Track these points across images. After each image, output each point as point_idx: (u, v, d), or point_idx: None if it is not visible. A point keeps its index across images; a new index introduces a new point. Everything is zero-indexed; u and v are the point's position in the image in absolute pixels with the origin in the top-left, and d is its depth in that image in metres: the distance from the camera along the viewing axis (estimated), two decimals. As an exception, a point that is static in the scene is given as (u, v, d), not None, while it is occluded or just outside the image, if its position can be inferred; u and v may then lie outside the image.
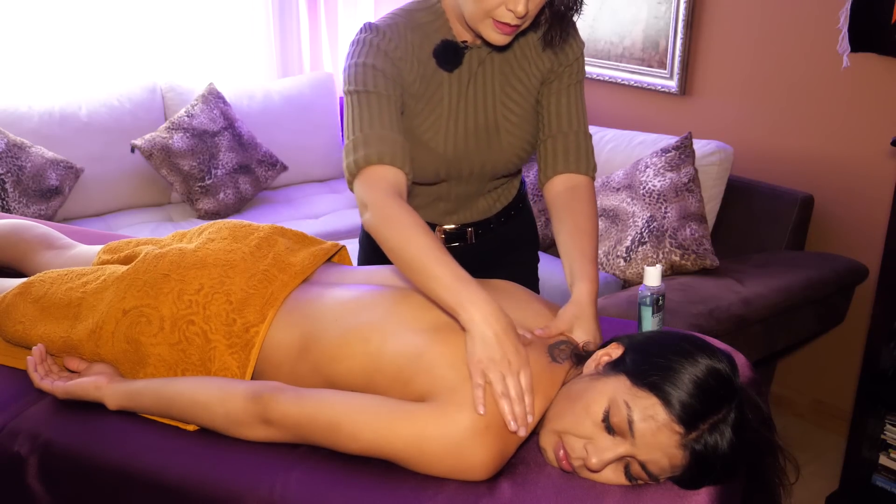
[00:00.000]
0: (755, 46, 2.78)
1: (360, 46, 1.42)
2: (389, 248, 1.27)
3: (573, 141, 1.53)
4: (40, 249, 1.77)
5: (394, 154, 1.35)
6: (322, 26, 3.94)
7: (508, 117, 1.54)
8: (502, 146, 1.55)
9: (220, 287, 1.39)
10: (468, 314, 1.18)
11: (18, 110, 3.17)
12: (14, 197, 2.98)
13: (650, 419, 1.10)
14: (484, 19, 1.34)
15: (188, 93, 3.51)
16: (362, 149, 1.34)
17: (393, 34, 1.42)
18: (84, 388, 1.35)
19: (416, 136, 1.50)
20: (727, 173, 2.70)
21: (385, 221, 1.28)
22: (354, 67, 1.41)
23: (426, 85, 1.47)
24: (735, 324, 2.25)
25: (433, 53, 1.46)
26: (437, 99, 1.49)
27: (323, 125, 3.79)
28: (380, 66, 1.40)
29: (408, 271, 1.25)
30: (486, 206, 1.70)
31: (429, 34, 1.46)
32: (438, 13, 1.47)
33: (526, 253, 1.83)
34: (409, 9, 1.48)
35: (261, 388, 1.25)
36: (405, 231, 1.26)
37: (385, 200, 1.30)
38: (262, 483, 1.18)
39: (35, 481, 1.31)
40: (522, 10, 1.29)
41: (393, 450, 1.16)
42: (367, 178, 1.34)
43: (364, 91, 1.39)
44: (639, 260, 2.55)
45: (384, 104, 1.38)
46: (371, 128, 1.36)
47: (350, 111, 1.39)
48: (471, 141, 1.53)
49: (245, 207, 3.46)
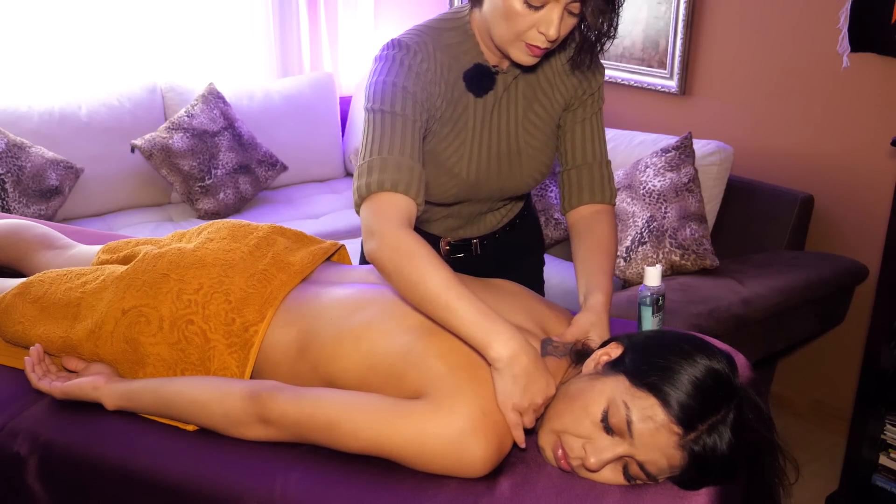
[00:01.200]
0: (755, 46, 2.78)
1: (389, 64, 1.36)
2: (403, 281, 1.21)
3: (597, 172, 1.55)
4: (40, 249, 1.77)
5: (409, 183, 1.28)
6: (322, 26, 3.94)
7: (530, 142, 1.53)
8: (522, 170, 1.54)
9: (220, 286, 1.39)
10: (496, 353, 1.15)
11: (18, 110, 3.17)
12: (14, 197, 2.98)
13: (649, 420, 1.10)
14: (515, 41, 1.31)
15: (188, 93, 3.51)
16: (377, 173, 1.28)
17: (423, 53, 1.37)
18: (82, 389, 1.35)
19: (441, 160, 1.47)
20: (727, 173, 2.70)
21: (396, 253, 1.21)
22: (383, 85, 1.34)
23: (453, 108, 1.44)
24: (735, 324, 2.24)
25: (464, 77, 1.42)
26: (463, 123, 1.46)
27: (323, 125, 3.79)
28: (410, 88, 1.34)
29: (426, 306, 1.20)
30: (494, 222, 1.70)
31: (457, 56, 1.42)
32: (468, 34, 1.42)
33: (531, 256, 1.83)
34: (437, 27, 1.43)
35: (259, 387, 1.25)
36: (420, 264, 1.20)
37: (396, 231, 1.23)
38: (262, 483, 1.18)
39: (35, 481, 1.31)
40: (554, 33, 1.27)
41: (392, 448, 1.16)
42: (376, 205, 1.27)
43: (390, 112, 1.32)
44: (639, 260, 2.55)
45: (408, 129, 1.32)
46: (391, 153, 1.29)
47: (371, 130, 1.33)
48: (493, 165, 1.51)
49: (245, 207, 3.46)
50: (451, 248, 1.69)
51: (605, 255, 1.47)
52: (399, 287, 1.23)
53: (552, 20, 1.26)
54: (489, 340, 1.15)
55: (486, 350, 1.16)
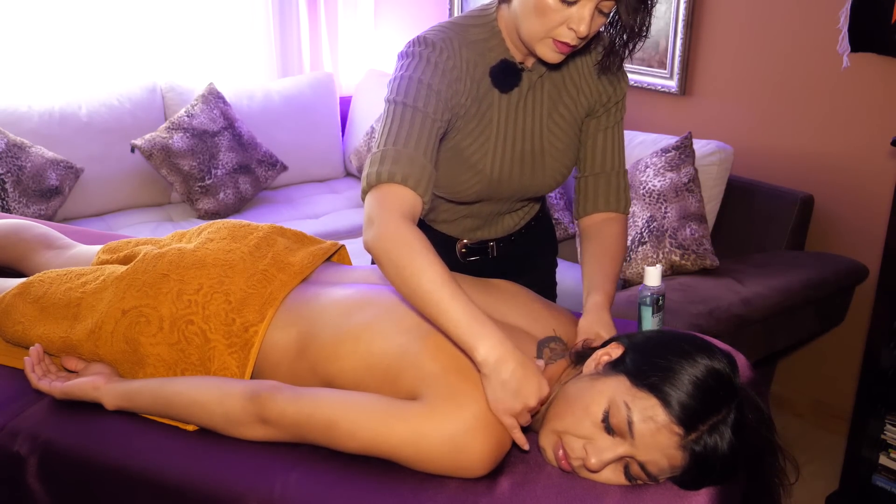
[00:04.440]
0: (755, 46, 2.78)
1: (415, 60, 1.35)
2: (397, 273, 1.20)
3: (613, 181, 1.56)
4: (40, 249, 1.77)
5: (419, 180, 1.27)
6: (322, 26, 3.94)
7: (554, 143, 1.52)
8: (545, 171, 1.54)
9: (220, 287, 1.39)
10: (482, 356, 1.14)
11: (18, 110, 3.17)
12: (14, 197, 2.98)
13: (650, 420, 1.10)
14: (544, 38, 1.31)
15: (188, 93, 3.51)
16: (389, 164, 1.27)
17: (449, 51, 1.36)
18: (82, 389, 1.35)
19: (465, 156, 1.47)
20: (727, 173, 2.70)
21: (394, 245, 1.20)
22: (407, 80, 1.33)
23: (478, 105, 1.43)
24: (735, 324, 2.24)
25: (490, 73, 1.42)
26: (488, 119, 1.45)
27: (323, 125, 3.79)
28: (435, 86, 1.33)
29: (417, 301, 1.19)
30: (512, 224, 1.69)
31: (483, 53, 1.41)
32: (494, 31, 1.42)
33: (545, 259, 1.83)
34: (462, 23, 1.42)
35: (258, 387, 1.25)
36: (417, 258, 1.19)
37: (397, 222, 1.22)
38: (262, 483, 1.18)
39: (35, 481, 1.31)
40: (585, 30, 1.27)
41: (390, 448, 1.16)
42: (382, 195, 1.26)
43: (412, 106, 1.31)
44: (639, 260, 2.55)
45: (427, 127, 1.31)
46: (406, 146, 1.28)
47: (389, 121, 1.32)
48: (516, 164, 1.50)
49: (245, 207, 3.46)
50: (467, 251, 1.68)
51: (610, 259, 1.48)
52: (392, 279, 1.21)
53: (584, 17, 1.26)
54: (476, 344, 1.14)
55: (472, 353, 1.15)
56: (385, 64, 4.09)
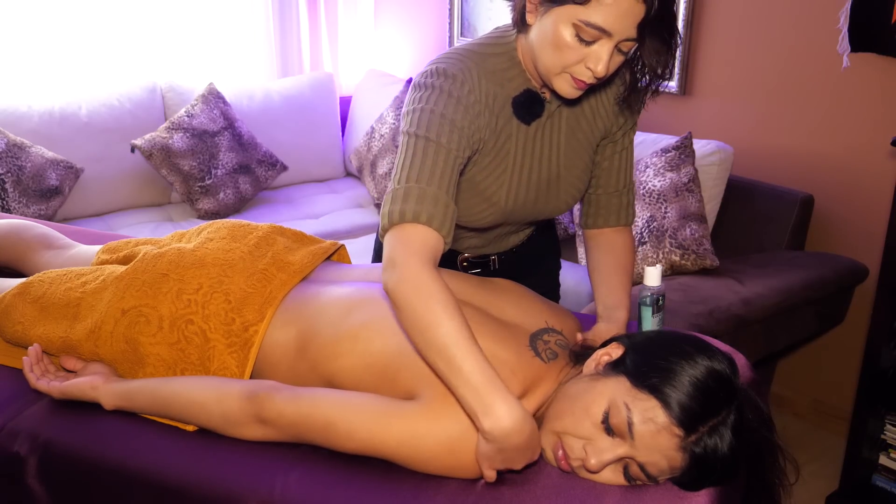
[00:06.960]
0: (755, 46, 2.78)
1: (435, 93, 1.29)
2: (414, 322, 1.15)
3: (624, 199, 1.56)
4: (39, 249, 1.77)
5: (442, 220, 1.22)
6: (322, 26, 3.94)
7: (570, 169, 1.49)
8: (559, 196, 1.51)
9: (219, 286, 1.39)
10: (488, 427, 1.08)
11: (18, 110, 3.17)
12: (14, 197, 2.98)
13: (650, 421, 1.10)
14: (561, 73, 1.27)
15: (188, 93, 3.51)
16: (413, 203, 1.21)
17: (470, 84, 1.31)
18: (80, 388, 1.35)
19: (480, 188, 1.42)
20: (727, 173, 2.70)
21: (415, 292, 1.15)
22: (428, 113, 1.27)
23: (496, 138, 1.38)
24: (735, 324, 2.24)
25: (513, 103, 1.37)
26: (505, 152, 1.41)
27: (323, 125, 3.79)
28: (458, 121, 1.28)
29: (431, 353, 1.13)
30: (517, 241, 1.68)
31: (503, 83, 1.36)
32: (514, 61, 1.37)
33: (548, 262, 1.82)
34: (481, 52, 1.36)
35: (256, 387, 1.25)
36: (436, 308, 1.13)
37: (419, 268, 1.17)
38: (262, 483, 1.18)
39: (35, 481, 1.31)
40: (602, 71, 1.23)
41: (387, 448, 1.16)
42: (404, 235, 1.21)
43: (435, 142, 1.25)
44: (639, 260, 2.55)
45: (449, 163, 1.26)
46: (429, 184, 1.23)
47: (409, 155, 1.26)
48: (531, 193, 1.47)
49: (245, 207, 3.46)
50: (468, 265, 1.66)
51: (625, 273, 1.50)
52: (407, 326, 1.16)
53: (601, 57, 1.22)
54: (487, 411, 1.08)
55: (477, 421, 1.10)
56: (385, 64, 4.09)
